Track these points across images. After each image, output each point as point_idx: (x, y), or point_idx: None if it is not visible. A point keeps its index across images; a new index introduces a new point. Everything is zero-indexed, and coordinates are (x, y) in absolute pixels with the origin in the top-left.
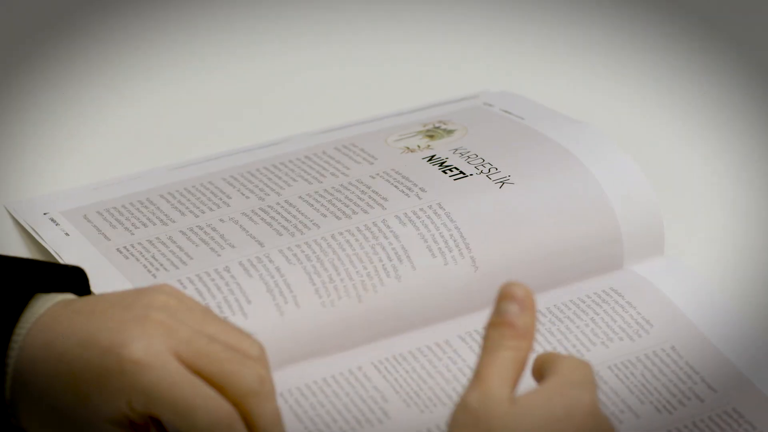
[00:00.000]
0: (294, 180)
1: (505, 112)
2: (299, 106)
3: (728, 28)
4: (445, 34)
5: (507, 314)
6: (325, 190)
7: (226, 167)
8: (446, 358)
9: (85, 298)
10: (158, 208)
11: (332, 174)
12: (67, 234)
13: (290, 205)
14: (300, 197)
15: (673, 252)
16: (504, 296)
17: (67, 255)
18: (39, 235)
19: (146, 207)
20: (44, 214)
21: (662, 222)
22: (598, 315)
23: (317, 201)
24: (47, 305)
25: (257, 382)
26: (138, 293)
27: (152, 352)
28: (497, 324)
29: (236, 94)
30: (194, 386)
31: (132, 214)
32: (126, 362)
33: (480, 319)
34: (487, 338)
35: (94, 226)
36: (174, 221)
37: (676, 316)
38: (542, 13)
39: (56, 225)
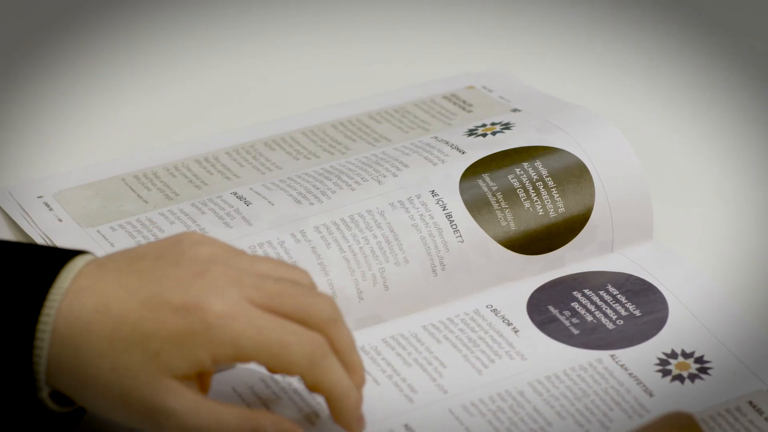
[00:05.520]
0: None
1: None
2: (294, 103)
3: (722, 15)
4: (439, 25)
5: None
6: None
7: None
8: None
9: (113, 258)
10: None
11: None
12: (60, 220)
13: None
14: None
15: (665, 239)
16: None
17: (58, 238)
18: (30, 219)
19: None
20: (38, 197)
21: (651, 205)
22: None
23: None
24: (70, 275)
25: (333, 309)
26: (173, 246)
27: (231, 303)
28: None
29: (233, 83)
30: (280, 325)
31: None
32: (210, 317)
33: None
34: None
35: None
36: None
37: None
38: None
39: (50, 210)
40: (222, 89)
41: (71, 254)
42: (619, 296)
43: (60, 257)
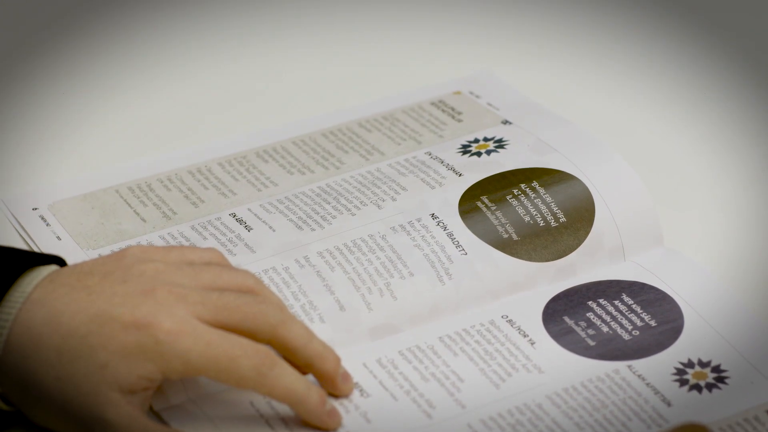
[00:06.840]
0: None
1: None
2: (289, 107)
3: (722, 15)
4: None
5: None
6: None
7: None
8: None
9: (63, 273)
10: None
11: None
12: (59, 238)
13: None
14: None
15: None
16: None
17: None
18: (29, 235)
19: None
20: (33, 209)
21: (656, 210)
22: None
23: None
24: (33, 282)
25: (280, 312)
26: (118, 262)
27: (179, 320)
28: None
29: (223, 91)
30: (227, 339)
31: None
32: (160, 334)
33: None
34: None
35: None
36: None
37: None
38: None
39: (47, 224)
40: (212, 97)
41: (36, 262)
42: (634, 306)
43: (23, 263)
